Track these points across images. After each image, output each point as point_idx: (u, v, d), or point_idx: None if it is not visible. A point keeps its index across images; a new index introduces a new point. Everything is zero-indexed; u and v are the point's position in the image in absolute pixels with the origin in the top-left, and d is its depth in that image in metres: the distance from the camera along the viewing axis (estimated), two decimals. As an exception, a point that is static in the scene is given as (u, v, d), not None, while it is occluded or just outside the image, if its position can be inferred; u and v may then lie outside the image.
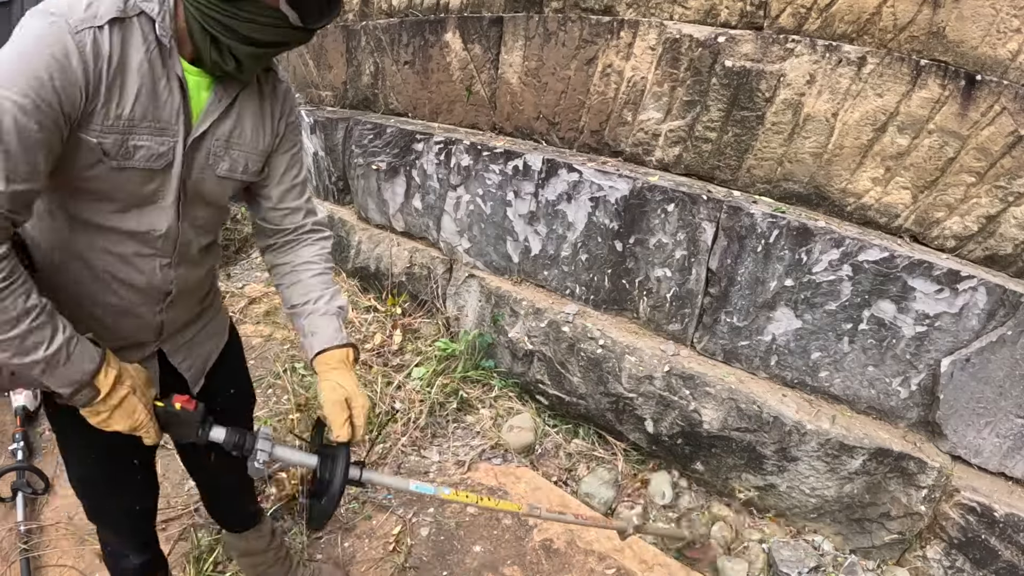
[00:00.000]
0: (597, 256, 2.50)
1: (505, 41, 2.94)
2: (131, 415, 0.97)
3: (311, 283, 1.19)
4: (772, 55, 2.15)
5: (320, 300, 1.19)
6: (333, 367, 1.15)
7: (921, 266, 1.85)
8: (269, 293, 3.65)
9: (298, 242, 1.23)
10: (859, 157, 2.09)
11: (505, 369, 2.79)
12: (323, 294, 1.19)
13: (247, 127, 1.04)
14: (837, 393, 2.09)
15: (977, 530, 1.85)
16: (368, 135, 3.40)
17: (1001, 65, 1.88)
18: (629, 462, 2.44)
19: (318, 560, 1.86)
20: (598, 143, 2.71)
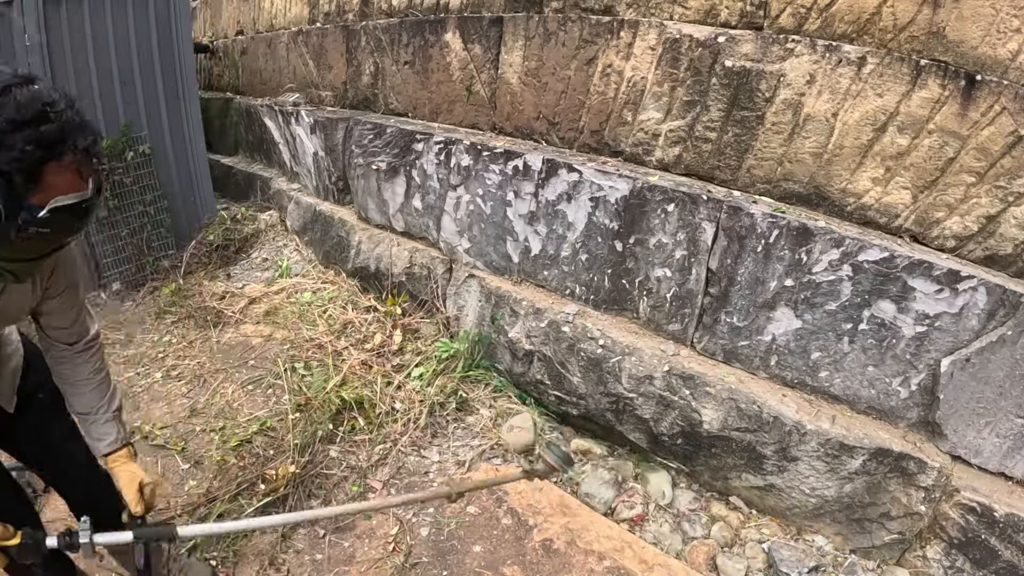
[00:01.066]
0: (597, 256, 2.50)
1: (505, 41, 2.94)
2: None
3: (90, 397, 1.43)
4: (772, 55, 2.15)
5: (100, 411, 1.43)
6: (122, 462, 1.43)
7: (921, 266, 1.85)
8: (269, 293, 3.65)
9: (73, 359, 1.42)
10: (859, 157, 2.09)
11: (505, 369, 2.79)
12: (101, 404, 1.44)
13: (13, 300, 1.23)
14: (837, 393, 2.09)
15: (977, 530, 1.85)
16: (368, 135, 3.40)
17: (1001, 65, 1.88)
18: (629, 462, 2.44)
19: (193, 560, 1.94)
20: (598, 143, 2.71)
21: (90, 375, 1.43)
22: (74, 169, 0.99)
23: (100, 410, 1.43)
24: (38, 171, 0.95)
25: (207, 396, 2.82)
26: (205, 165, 4.33)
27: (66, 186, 0.98)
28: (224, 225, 4.30)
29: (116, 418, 1.46)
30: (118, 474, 1.42)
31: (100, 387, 1.45)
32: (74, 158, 0.98)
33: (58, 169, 0.97)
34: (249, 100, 5.17)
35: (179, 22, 3.92)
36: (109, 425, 1.44)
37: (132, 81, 3.73)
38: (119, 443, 1.44)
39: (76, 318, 1.40)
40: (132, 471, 1.42)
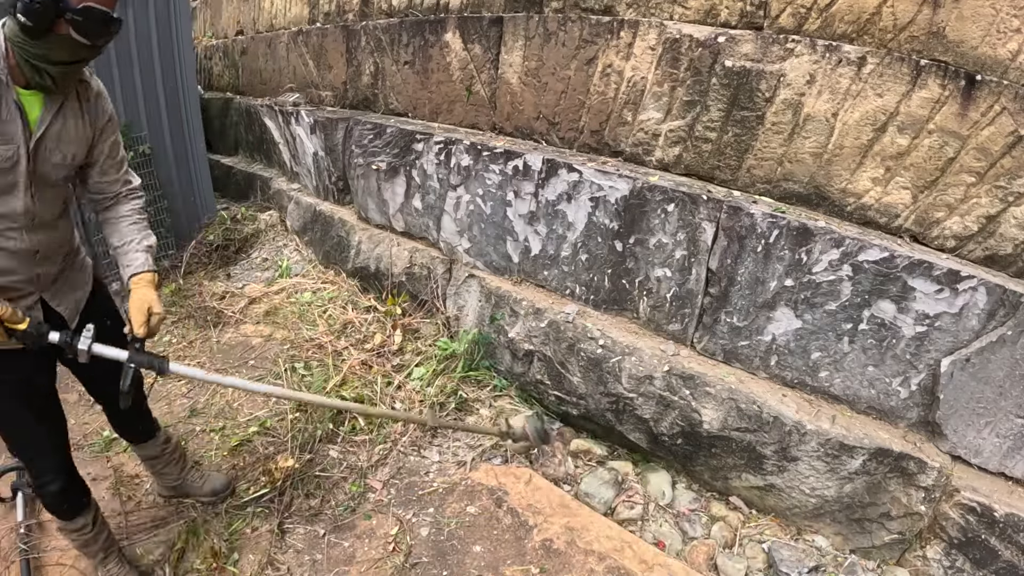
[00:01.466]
0: (597, 256, 2.50)
1: (505, 41, 2.94)
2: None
3: (127, 229, 1.60)
4: (772, 55, 2.15)
5: (133, 241, 1.59)
6: (142, 286, 1.54)
7: (921, 266, 1.85)
8: (269, 293, 3.66)
9: (117, 202, 1.61)
10: (859, 157, 2.09)
11: (505, 369, 2.79)
12: (135, 236, 1.59)
13: (71, 127, 1.42)
14: (837, 393, 2.09)
15: (977, 530, 1.85)
16: (368, 135, 3.40)
17: (1001, 65, 1.88)
18: (629, 462, 2.44)
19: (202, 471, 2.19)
20: (598, 143, 2.71)
21: (129, 212, 1.62)
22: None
23: (133, 242, 1.59)
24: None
25: (207, 396, 2.82)
26: (205, 165, 4.33)
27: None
28: (224, 225, 4.30)
29: (147, 251, 1.60)
30: (133, 294, 1.53)
31: (136, 225, 1.61)
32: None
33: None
34: (249, 100, 5.17)
35: (179, 22, 3.92)
36: (139, 254, 1.58)
37: (132, 81, 3.73)
38: (144, 267, 1.57)
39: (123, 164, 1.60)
40: (146, 295, 1.53)
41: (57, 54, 1.27)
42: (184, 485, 2.14)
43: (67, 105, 1.40)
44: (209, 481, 2.18)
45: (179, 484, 2.13)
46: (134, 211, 1.63)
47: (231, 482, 2.22)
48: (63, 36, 1.24)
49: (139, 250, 1.59)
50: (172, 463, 2.10)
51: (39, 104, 1.35)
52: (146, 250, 1.60)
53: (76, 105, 1.43)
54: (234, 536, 2.07)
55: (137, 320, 1.51)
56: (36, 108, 1.35)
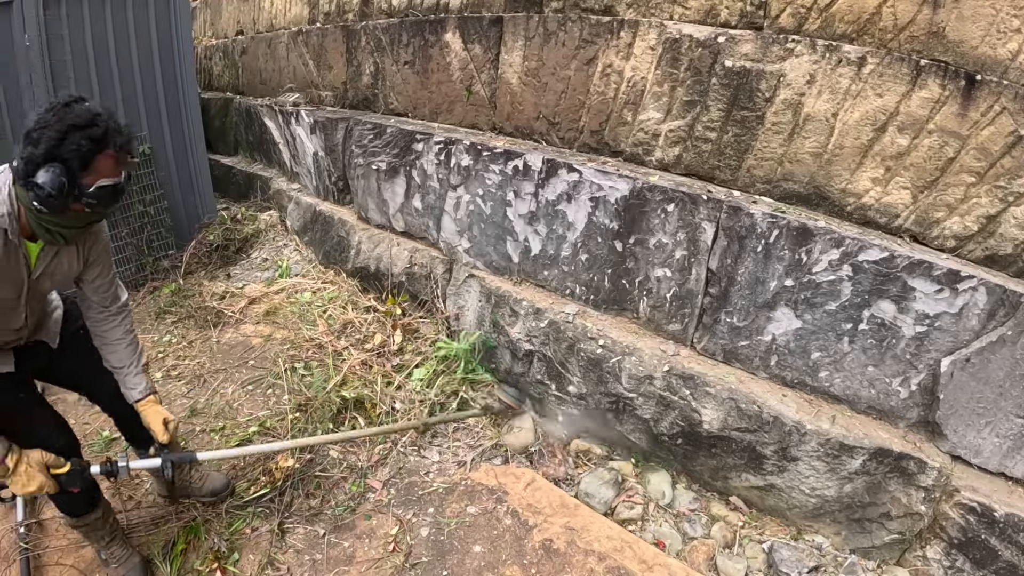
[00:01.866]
0: (597, 256, 2.50)
1: (505, 41, 2.94)
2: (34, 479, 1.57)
3: (123, 353, 1.81)
4: (772, 55, 2.15)
5: (131, 366, 1.81)
6: (150, 405, 1.81)
7: (921, 266, 1.85)
8: (269, 293, 3.65)
9: (108, 322, 1.80)
10: (859, 157, 2.09)
11: (505, 369, 2.78)
12: (132, 360, 1.81)
13: (64, 264, 1.60)
14: (837, 393, 2.09)
15: (977, 530, 1.85)
16: (368, 135, 3.40)
17: (1001, 65, 1.88)
18: (629, 462, 2.44)
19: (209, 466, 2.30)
20: (598, 143, 2.71)
21: (122, 335, 1.81)
22: (114, 160, 1.39)
23: (131, 365, 1.81)
24: (90, 160, 1.34)
25: (207, 396, 2.82)
26: (205, 165, 4.33)
27: (108, 172, 1.39)
28: (224, 225, 4.30)
29: (144, 371, 1.83)
30: (146, 414, 1.79)
31: (130, 346, 1.82)
32: (114, 152, 1.39)
33: (103, 160, 1.37)
34: (249, 100, 5.17)
35: (179, 22, 3.92)
36: (139, 378, 1.81)
37: (132, 81, 3.73)
38: (146, 392, 1.81)
39: (111, 284, 1.77)
40: (158, 410, 1.80)
41: (73, 223, 1.45)
42: (184, 486, 2.18)
43: (63, 248, 1.57)
44: (209, 481, 2.21)
45: (179, 485, 2.18)
46: (125, 332, 1.82)
47: (230, 482, 2.25)
48: (79, 213, 1.40)
49: (137, 374, 1.81)
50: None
51: (37, 249, 1.52)
52: (142, 371, 1.83)
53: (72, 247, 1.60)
54: (234, 536, 2.07)
55: (159, 431, 1.77)
56: (35, 253, 1.53)
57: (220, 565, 1.96)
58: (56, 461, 1.60)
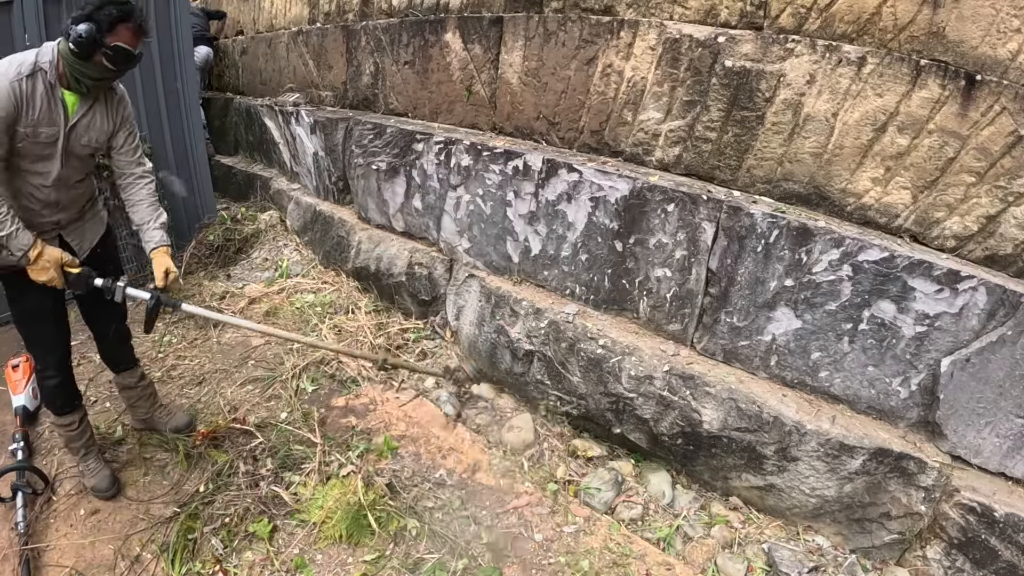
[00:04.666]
0: (597, 256, 2.50)
1: (505, 41, 2.94)
2: (47, 272, 1.88)
3: (144, 211, 2.11)
4: (772, 55, 2.15)
5: (150, 221, 2.10)
6: (160, 255, 2.08)
7: (921, 266, 1.85)
8: (269, 293, 3.65)
9: (133, 183, 2.12)
10: (859, 157, 2.09)
11: (505, 369, 2.78)
12: (151, 217, 2.11)
13: (97, 120, 1.94)
14: (837, 393, 2.09)
15: (977, 530, 1.85)
16: (368, 135, 3.40)
17: (1001, 65, 1.88)
18: (629, 462, 2.44)
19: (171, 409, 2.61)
20: (598, 143, 2.71)
21: (144, 196, 2.11)
22: (132, 32, 1.79)
23: (150, 222, 2.10)
24: (115, 25, 1.75)
25: (207, 396, 2.82)
26: (205, 165, 4.32)
27: (126, 39, 1.78)
28: (224, 225, 4.30)
29: (162, 228, 2.11)
30: (156, 261, 2.07)
31: (151, 207, 2.11)
32: (133, 26, 1.79)
33: (124, 28, 1.77)
34: (249, 100, 5.17)
35: (179, 22, 3.91)
36: (156, 231, 2.09)
37: (132, 81, 3.73)
38: (161, 243, 2.09)
39: (136, 150, 2.10)
40: (165, 261, 2.07)
41: (92, 73, 1.80)
42: (152, 420, 2.53)
43: (96, 105, 1.93)
44: (174, 419, 2.54)
45: (148, 418, 2.53)
46: (148, 194, 2.13)
47: (192, 421, 2.56)
48: (98, 63, 1.77)
49: (156, 228, 2.10)
50: (144, 398, 2.49)
51: (76, 101, 1.87)
52: (160, 227, 2.11)
53: (103, 106, 1.95)
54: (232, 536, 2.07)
55: (159, 277, 2.05)
56: (74, 104, 1.87)
57: (221, 567, 1.96)
58: (71, 261, 1.94)
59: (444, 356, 2.93)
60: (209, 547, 2.02)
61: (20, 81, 1.74)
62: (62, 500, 2.24)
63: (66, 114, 1.85)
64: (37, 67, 1.77)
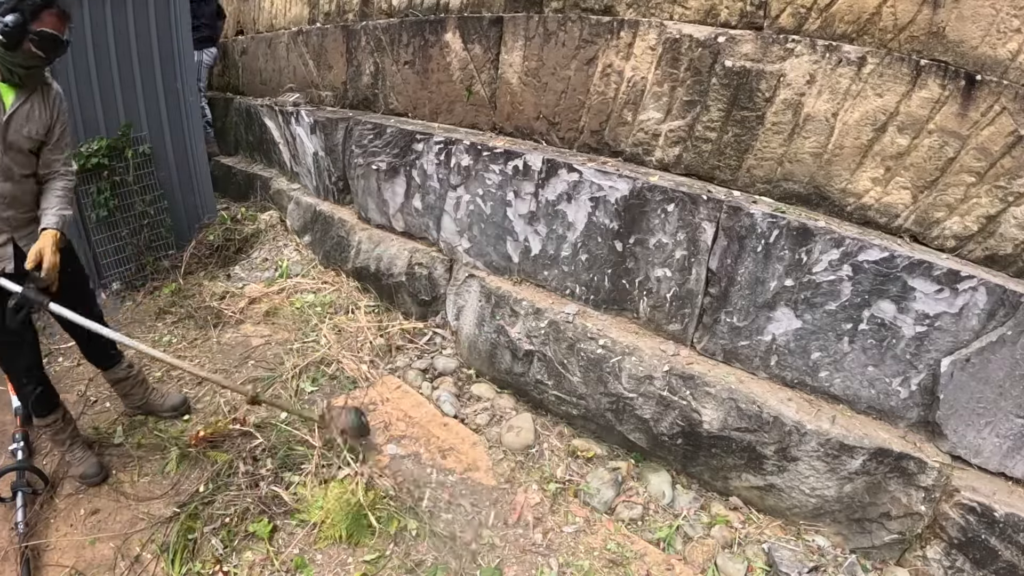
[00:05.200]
0: (597, 256, 2.50)
1: (505, 41, 2.94)
2: None
3: (52, 199, 2.07)
4: (772, 55, 2.15)
5: (53, 208, 2.05)
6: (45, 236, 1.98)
7: (921, 266, 1.85)
8: (269, 293, 3.65)
9: (56, 179, 2.11)
10: (859, 157, 2.09)
11: (505, 369, 2.78)
12: (57, 204, 2.06)
13: (35, 112, 1.99)
14: (837, 393, 2.09)
15: (977, 530, 1.85)
16: (368, 135, 3.40)
17: (1001, 65, 1.88)
18: (629, 462, 2.44)
19: (164, 391, 2.69)
20: (598, 143, 2.71)
21: (59, 188, 2.10)
22: (57, 18, 1.86)
23: (54, 208, 2.06)
24: (39, 13, 1.81)
25: (208, 396, 2.82)
26: (205, 165, 4.32)
27: (51, 24, 1.84)
28: (224, 225, 4.30)
29: (58, 215, 2.05)
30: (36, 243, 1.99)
31: (58, 198, 2.08)
32: (57, 11, 1.85)
33: (48, 15, 1.83)
34: (249, 100, 5.17)
35: (179, 22, 3.91)
36: (54, 216, 2.04)
37: (132, 81, 3.73)
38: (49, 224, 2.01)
39: (67, 148, 2.14)
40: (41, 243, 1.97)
41: (22, 61, 1.87)
42: (148, 404, 2.59)
43: (33, 97, 1.99)
44: (168, 399, 2.63)
45: (143, 404, 2.58)
46: (63, 188, 2.11)
47: (186, 399, 2.67)
48: (27, 51, 1.83)
49: (52, 214, 2.04)
50: (137, 385, 2.55)
51: (13, 93, 1.94)
52: (57, 214, 2.05)
53: (40, 98, 2.01)
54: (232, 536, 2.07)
55: (30, 258, 1.95)
56: (10, 96, 1.94)
57: (220, 568, 1.96)
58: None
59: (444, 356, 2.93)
60: (209, 547, 2.02)
61: None
62: (62, 500, 2.23)
63: (2, 105, 1.92)
64: None
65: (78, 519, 2.16)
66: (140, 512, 2.18)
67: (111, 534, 2.09)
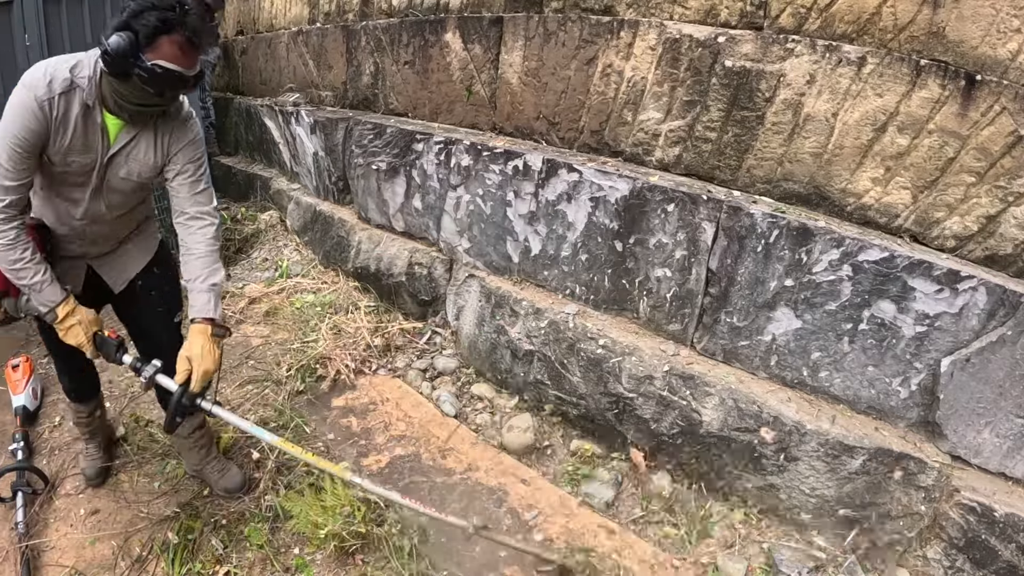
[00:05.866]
0: (597, 256, 2.50)
1: (505, 41, 2.94)
2: (76, 337, 1.67)
3: (195, 265, 1.72)
4: (772, 55, 2.15)
5: (199, 280, 1.70)
6: (195, 333, 1.67)
7: (921, 266, 1.85)
8: (269, 293, 3.65)
9: (187, 228, 1.74)
10: (859, 157, 2.09)
11: (505, 369, 2.78)
12: (201, 275, 1.70)
13: (141, 150, 1.64)
14: (837, 393, 2.09)
15: (977, 530, 1.85)
16: (368, 135, 3.40)
17: (1001, 65, 1.88)
18: (629, 462, 2.44)
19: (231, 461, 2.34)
20: (598, 143, 2.71)
21: (199, 244, 1.73)
22: (178, 47, 1.40)
23: (199, 279, 1.70)
24: (154, 38, 1.38)
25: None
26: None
27: (171, 56, 1.40)
28: (224, 225, 4.31)
29: (211, 291, 1.70)
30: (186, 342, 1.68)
31: (205, 259, 1.72)
32: (182, 39, 1.39)
33: (167, 42, 1.39)
34: (249, 100, 5.17)
35: (179, 22, 3.91)
36: (202, 295, 1.69)
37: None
38: (199, 314, 1.68)
39: (195, 185, 1.74)
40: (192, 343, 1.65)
41: (132, 97, 1.48)
42: (203, 472, 2.24)
43: (143, 133, 1.62)
44: (226, 477, 2.21)
45: (199, 470, 2.25)
46: (203, 243, 1.74)
47: (247, 480, 2.24)
48: (137, 85, 1.43)
49: (203, 291, 1.70)
50: (196, 449, 2.19)
51: (120, 126, 1.59)
52: (209, 291, 1.70)
53: (152, 134, 1.64)
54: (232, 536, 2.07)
55: (180, 368, 1.64)
56: (116, 129, 1.59)
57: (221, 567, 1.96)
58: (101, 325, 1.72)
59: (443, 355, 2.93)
60: (209, 547, 2.02)
61: (51, 99, 1.44)
62: (62, 500, 2.23)
63: (106, 141, 1.57)
64: (73, 84, 1.47)
65: (78, 519, 2.16)
66: (140, 512, 2.18)
67: (111, 534, 2.09)
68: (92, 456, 2.27)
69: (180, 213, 1.74)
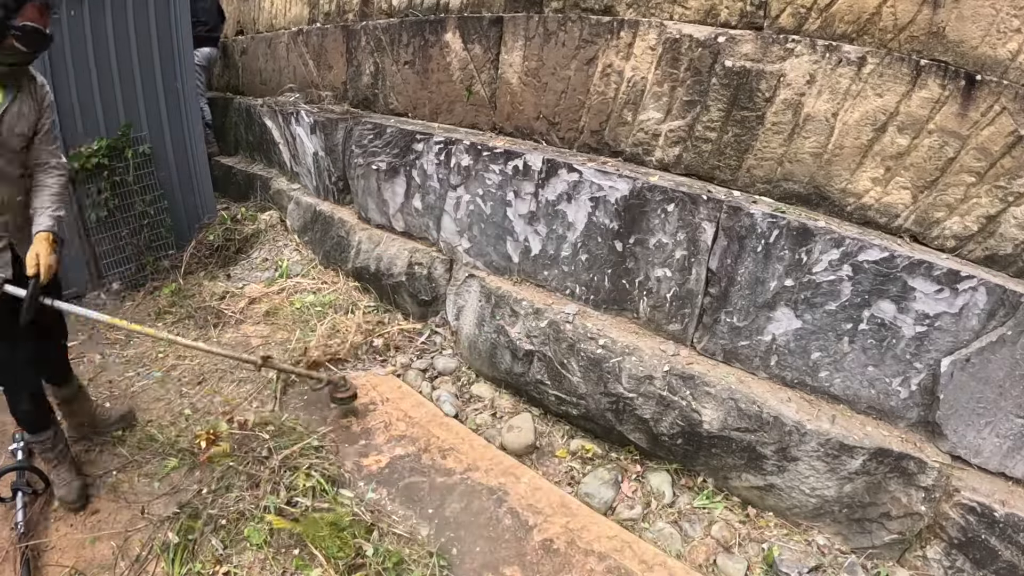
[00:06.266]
0: (597, 256, 2.50)
1: (505, 41, 2.94)
2: None
3: (46, 196, 2.04)
4: (772, 55, 2.15)
5: (48, 209, 2.02)
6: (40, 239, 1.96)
7: (921, 266, 1.85)
8: (269, 293, 3.65)
9: (45, 171, 2.08)
10: (859, 157, 2.09)
11: (505, 369, 2.78)
12: (51, 205, 2.03)
13: (25, 109, 1.96)
14: (837, 393, 2.09)
15: (977, 530, 1.85)
16: (368, 135, 3.40)
17: (1001, 65, 1.88)
18: (629, 462, 2.44)
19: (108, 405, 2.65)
20: (598, 143, 2.71)
21: (50, 184, 2.06)
22: (39, 11, 1.79)
23: (48, 209, 2.02)
24: (22, 5, 1.74)
25: (208, 396, 2.82)
26: (205, 165, 4.32)
27: (33, 18, 1.78)
28: (224, 225, 4.30)
29: (52, 217, 2.02)
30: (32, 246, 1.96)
31: (51, 196, 2.05)
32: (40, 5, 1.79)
33: (30, 8, 1.76)
34: (249, 100, 5.17)
35: (179, 22, 3.91)
36: (49, 219, 2.01)
37: (132, 81, 3.73)
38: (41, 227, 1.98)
39: (55, 140, 2.12)
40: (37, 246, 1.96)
41: (6, 59, 1.82)
42: (95, 421, 2.54)
43: (21, 94, 1.95)
44: (115, 412, 2.59)
45: (90, 420, 2.53)
46: (56, 184, 2.09)
47: (132, 410, 2.63)
48: (10, 46, 1.77)
49: (46, 215, 2.02)
50: (85, 401, 2.51)
51: (2, 93, 1.90)
52: (51, 215, 2.02)
53: (27, 95, 1.98)
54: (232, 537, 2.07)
55: (29, 263, 1.95)
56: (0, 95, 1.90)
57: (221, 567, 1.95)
58: None
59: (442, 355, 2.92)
60: (209, 547, 2.02)
61: None
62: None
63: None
64: None
65: (78, 519, 2.16)
66: (140, 512, 2.18)
67: (111, 534, 2.09)
68: (66, 480, 2.23)
69: (40, 162, 2.07)
